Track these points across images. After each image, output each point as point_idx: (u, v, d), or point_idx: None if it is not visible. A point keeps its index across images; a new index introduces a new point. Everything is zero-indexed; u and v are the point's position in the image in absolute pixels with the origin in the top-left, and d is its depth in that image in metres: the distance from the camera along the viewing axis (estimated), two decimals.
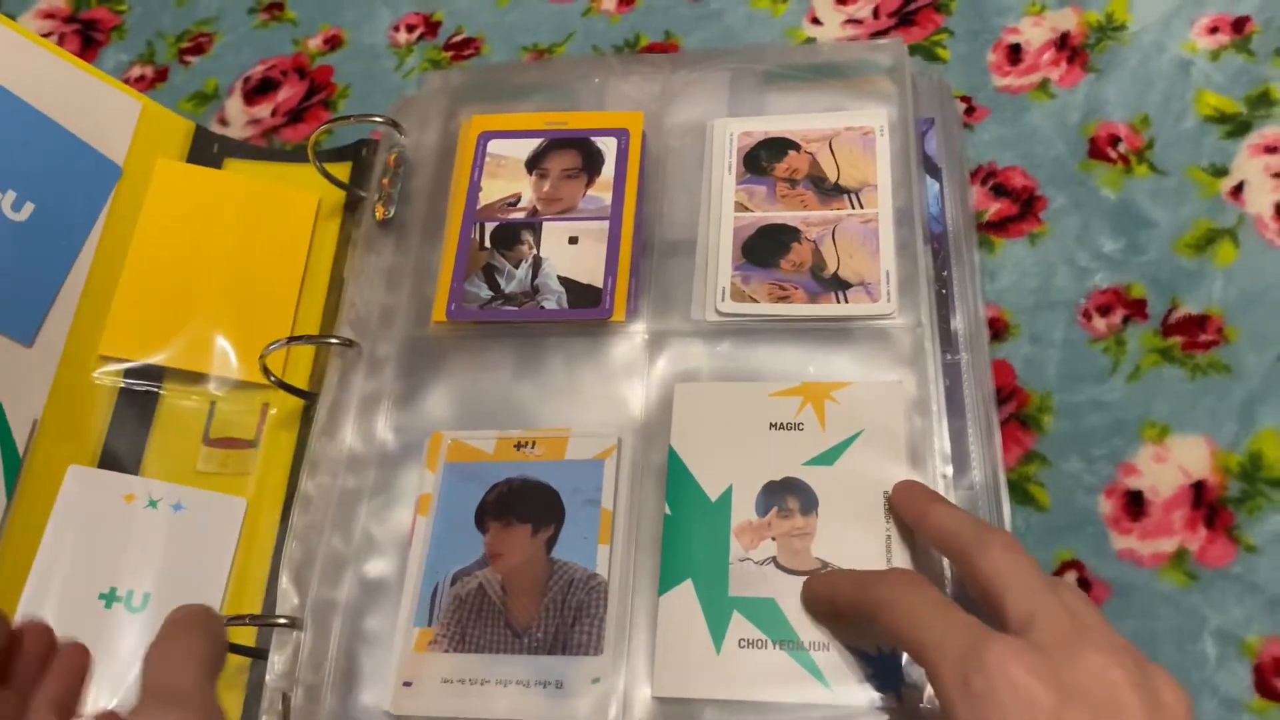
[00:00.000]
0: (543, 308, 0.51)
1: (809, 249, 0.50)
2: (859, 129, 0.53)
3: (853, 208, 0.51)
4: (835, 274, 0.49)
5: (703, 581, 0.43)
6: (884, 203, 0.51)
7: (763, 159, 0.53)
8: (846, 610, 0.40)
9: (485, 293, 0.51)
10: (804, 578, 0.42)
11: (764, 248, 0.50)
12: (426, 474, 0.48)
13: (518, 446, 0.48)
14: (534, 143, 0.55)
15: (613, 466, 0.46)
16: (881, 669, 0.40)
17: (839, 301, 0.48)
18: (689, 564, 0.43)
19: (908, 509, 0.42)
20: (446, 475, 0.48)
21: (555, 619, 0.43)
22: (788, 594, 0.42)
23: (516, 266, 0.52)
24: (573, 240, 0.52)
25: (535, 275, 0.51)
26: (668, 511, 0.45)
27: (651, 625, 0.43)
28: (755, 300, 0.49)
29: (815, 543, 0.42)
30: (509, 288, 0.51)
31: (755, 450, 0.45)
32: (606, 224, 0.52)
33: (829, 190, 0.51)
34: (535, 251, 0.52)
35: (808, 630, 0.41)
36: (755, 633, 0.41)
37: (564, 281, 0.51)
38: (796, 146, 0.53)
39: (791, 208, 0.51)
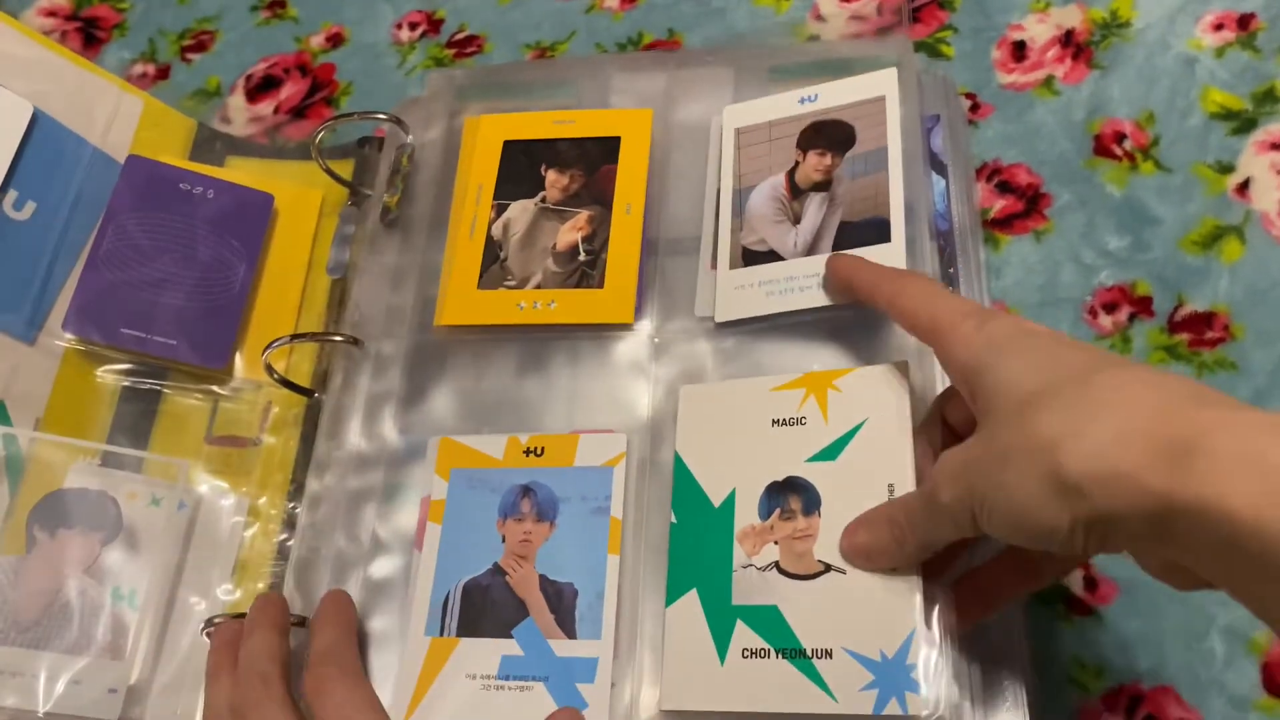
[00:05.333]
0: None
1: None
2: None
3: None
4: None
5: (707, 591, 0.42)
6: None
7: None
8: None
9: None
10: (806, 581, 0.41)
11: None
12: (437, 481, 0.48)
13: (527, 453, 0.47)
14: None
15: (622, 474, 0.46)
16: (885, 676, 0.39)
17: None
18: (694, 573, 0.42)
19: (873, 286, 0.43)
20: (456, 482, 0.47)
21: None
22: (791, 600, 0.41)
23: None
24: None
25: None
26: (674, 520, 0.44)
27: (659, 636, 0.42)
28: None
29: (818, 543, 0.42)
30: None
31: (758, 450, 0.44)
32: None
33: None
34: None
35: (810, 637, 0.40)
36: (758, 642, 0.40)
37: None
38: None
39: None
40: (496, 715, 0.42)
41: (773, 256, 0.49)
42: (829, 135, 0.51)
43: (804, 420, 0.44)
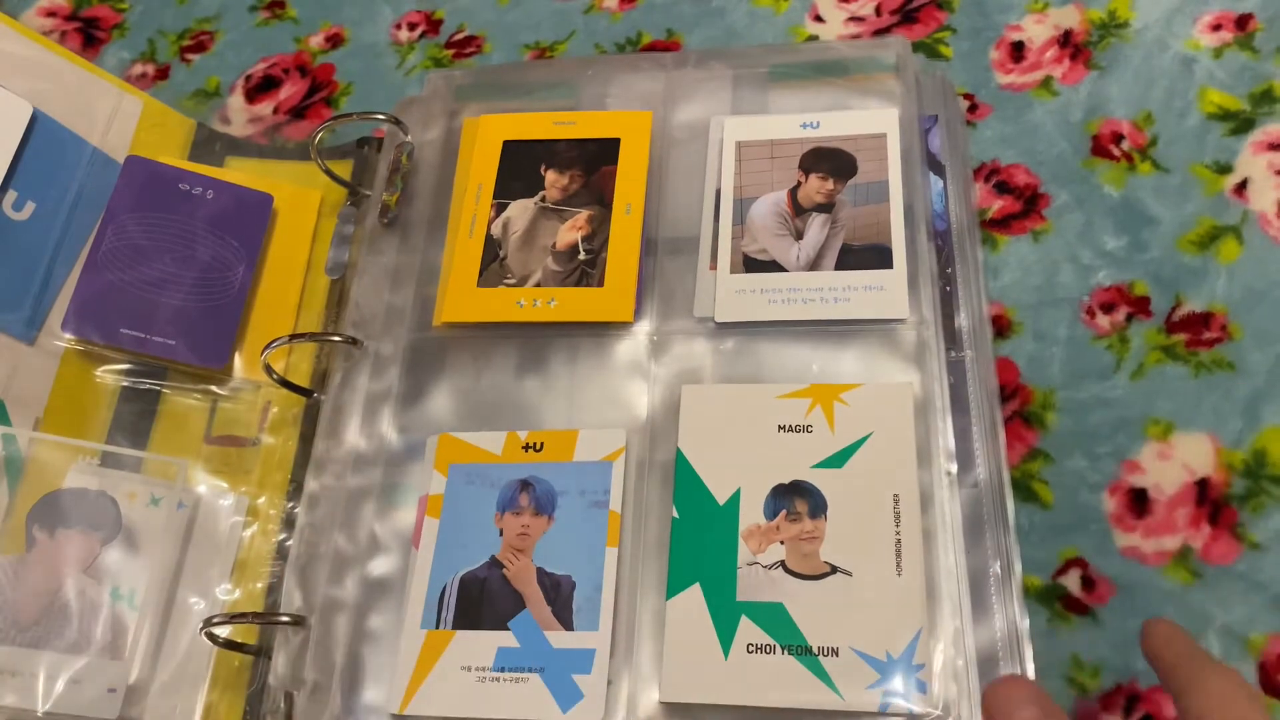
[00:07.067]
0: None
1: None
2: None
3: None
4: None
5: (710, 586, 0.42)
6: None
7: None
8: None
9: None
10: (813, 581, 0.42)
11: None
12: (435, 476, 0.48)
13: (525, 448, 0.48)
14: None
15: (621, 468, 0.46)
16: (891, 674, 0.39)
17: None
18: (697, 568, 0.43)
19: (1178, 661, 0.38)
20: (454, 477, 0.48)
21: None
22: (796, 598, 0.41)
23: None
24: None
25: None
26: (675, 514, 0.44)
27: (658, 629, 0.43)
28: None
29: (824, 546, 0.42)
30: None
31: (763, 453, 0.45)
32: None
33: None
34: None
35: (816, 635, 0.40)
36: (764, 638, 0.41)
37: None
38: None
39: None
40: (491, 706, 0.42)
41: (774, 266, 0.50)
42: (832, 162, 0.52)
43: (810, 428, 0.45)
